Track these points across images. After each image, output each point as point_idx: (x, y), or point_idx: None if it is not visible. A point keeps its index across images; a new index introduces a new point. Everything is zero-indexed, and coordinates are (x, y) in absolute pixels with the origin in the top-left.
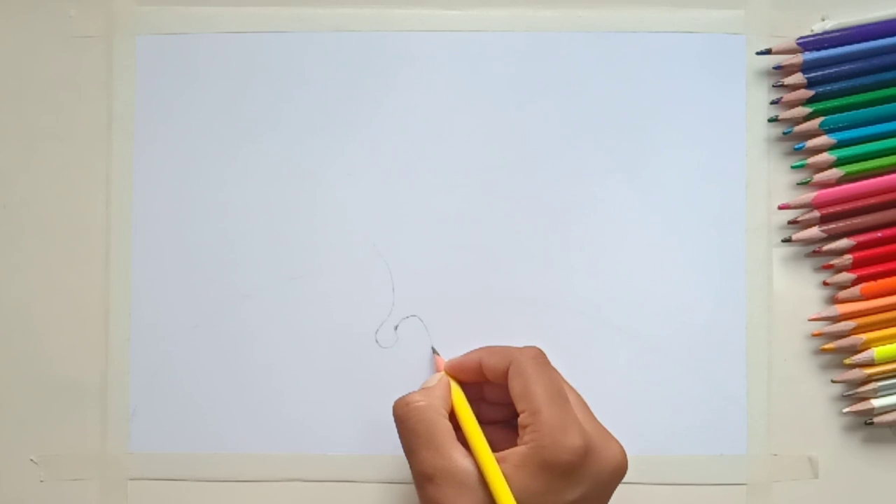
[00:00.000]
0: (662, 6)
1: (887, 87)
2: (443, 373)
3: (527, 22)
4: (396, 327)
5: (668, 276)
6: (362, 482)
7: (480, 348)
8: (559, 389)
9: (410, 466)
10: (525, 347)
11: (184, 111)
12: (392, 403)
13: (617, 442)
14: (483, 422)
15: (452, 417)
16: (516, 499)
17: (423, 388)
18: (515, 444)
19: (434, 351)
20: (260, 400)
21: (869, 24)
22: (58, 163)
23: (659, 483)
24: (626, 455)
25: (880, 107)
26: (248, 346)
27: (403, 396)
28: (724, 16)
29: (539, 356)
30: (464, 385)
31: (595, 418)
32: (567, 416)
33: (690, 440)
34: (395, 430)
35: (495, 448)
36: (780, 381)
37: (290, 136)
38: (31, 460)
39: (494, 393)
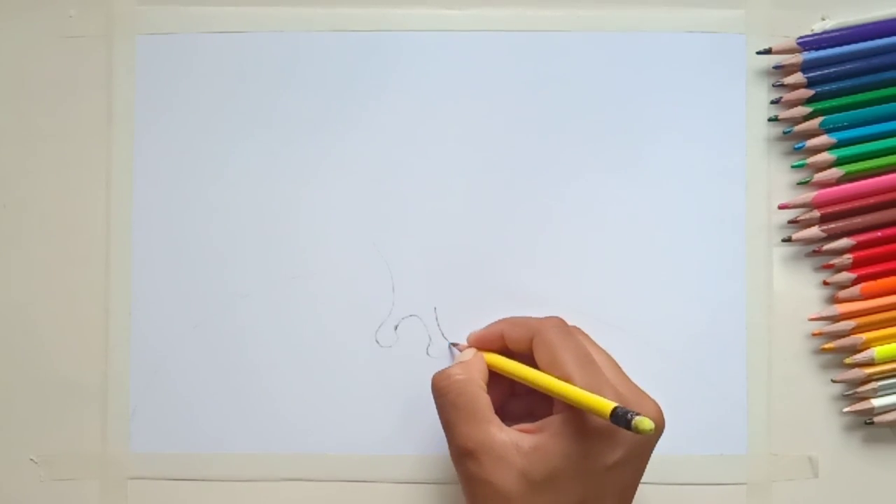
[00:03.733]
0: (662, 6)
1: (887, 86)
2: (473, 348)
3: (527, 22)
4: (396, 327)
5: (668, 276)
6: (363, 482)
7: (502, 320)
8: (586, 354)
9: (448, 441)
10: (547, 318)
11: (184, 110)
12: (392, 402)
13: (652, 400)
14: (515, 394)
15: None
16: (557, 466)
17: (460, 363)
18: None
19: (453, 345)
20: (260, 400)
21: (869, 24)
22: (58, 163)
23: (659, 483)
24: (661, 412)
25: (880, 106)
26: (248, 346)
27: (443, 370)
28: (725, 15)
29: (562, 324)
30: None
31: (627, 378)
32: (599, 379)
33: (690, 440)
34: (434, 403)
35: (534, 419)
36: (780, 381)
37: (290, 136)
38: (31, 460)
39: (522, 362)
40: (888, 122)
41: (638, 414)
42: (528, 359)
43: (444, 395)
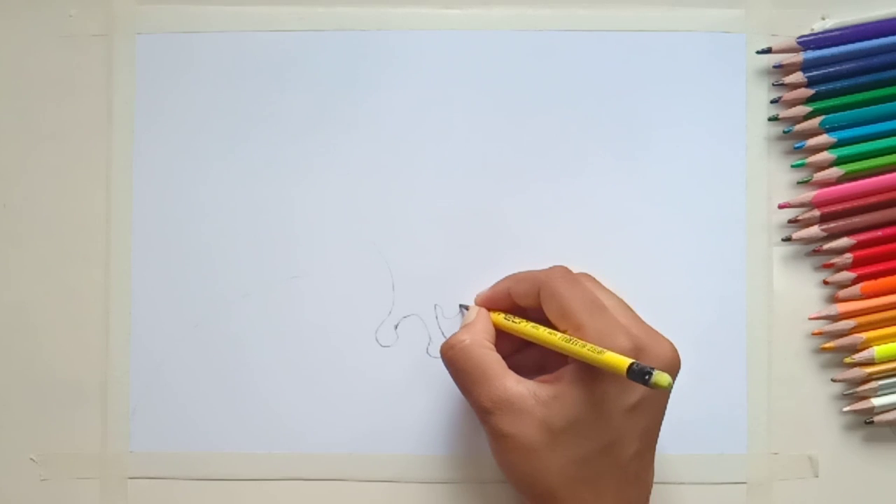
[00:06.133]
0: (662, 6)
1: (887, 86)
2: (477, 307)
3: (526, 21)
4: (396, 326)
5: (668, 276)
6: (363, 481)
7: (507, 277)
8: (594, 299)
9: (471, 404)
10: (552, 268)
11: (184, 110)
12: (392, 402)
13: (666, 340)
14: (529, 344)
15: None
16: (577, 413)
17: (464, 326)
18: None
19: (462, 306)
20: (259, 399)
21: (869, 23)
22: (58, 163)
23: (659, 482)
24: (677, 351)
25: (880, 106)
26: (248, 346)
27: (448, 339)
28: (725, 15)
29: (567, 273)
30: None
31: (640, 320)
32: (610, 324)
33: (690, 439)
34: (448, 372)
35: (549, 369)
36: (780, 381)
37: (290, 135)
38: (31, 459)
39: (532, 317)
40: (888, 122)
41: (653, 369)
42: (539, 311)
43: (452, 363)
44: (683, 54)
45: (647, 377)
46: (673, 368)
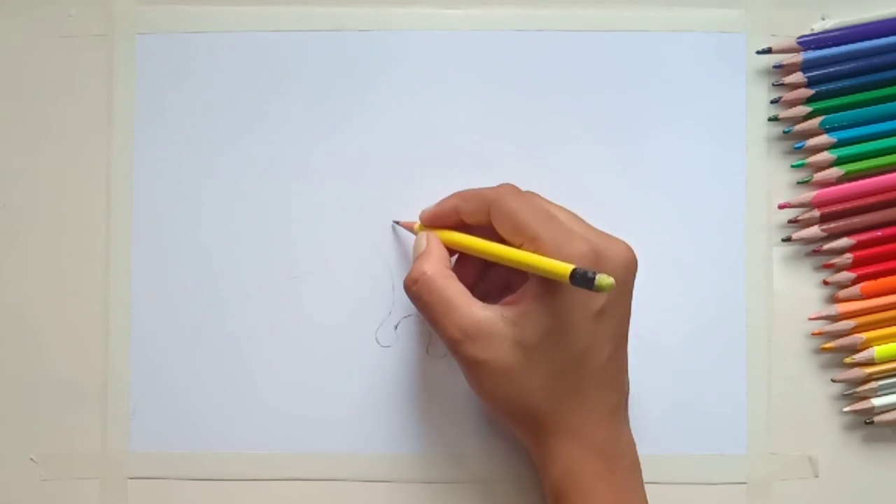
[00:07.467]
0: (662, 6)
1: (887, 86)
2: (426, 232)
3: (526, 21)
4: (396, 326)
5: (668, 276)
6: (363, 481)
7: (453, 194)
8: (546, 210)
9: (440, 336)
10: (500, 185)
11: (184, 110)
12: (392, 402)
13: (621, 242)
14: (490, 266)
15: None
16: (547, 326)
17: (420, 256)
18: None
19: (396, 223)
20: (260, 399)
21: (869, 24)
22: (58, 163)
23: (659, 482)
24: (632, 250)
25: (880, 106)
26: (248, 346)
27: (408, 274)
28: (724, 15)
29: (515, 189)
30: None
31: (593, 227)
32: (564, 230)
33: (690, 439)
34: (416, 306)
35: (514, 288)
36: (780, 381)
37: (290, 135)
38: (31, 459)
39: (481, 236)
40: (888, 122)
41: (596, 273)
42: (486, 230)
43: (417, 298)
44: (683, 54)
45: (591, 282)
46: (631, 266)
